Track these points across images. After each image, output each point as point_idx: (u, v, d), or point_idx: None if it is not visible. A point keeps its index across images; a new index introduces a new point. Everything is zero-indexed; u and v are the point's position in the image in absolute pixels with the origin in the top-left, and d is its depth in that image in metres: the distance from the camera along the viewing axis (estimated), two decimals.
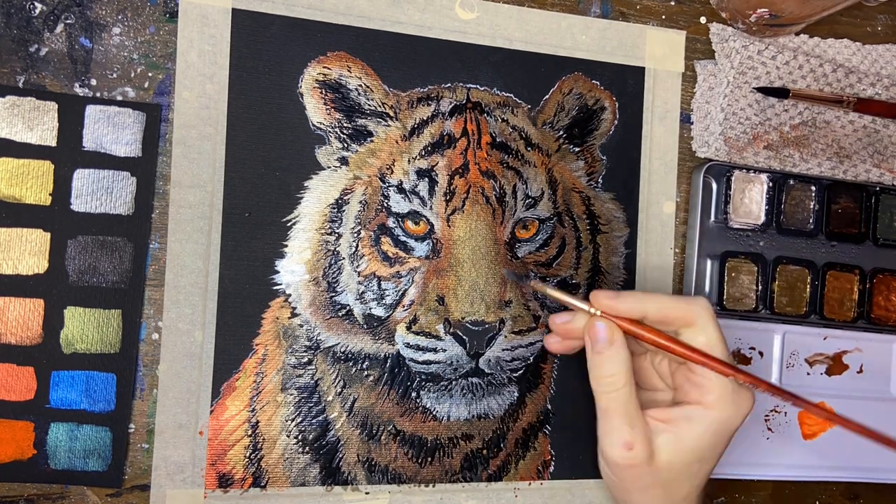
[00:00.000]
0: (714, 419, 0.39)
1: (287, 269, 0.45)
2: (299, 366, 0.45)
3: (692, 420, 0.40)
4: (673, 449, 0.40)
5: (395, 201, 0.46)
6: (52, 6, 0.43)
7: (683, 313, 0.40)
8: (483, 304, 0.46)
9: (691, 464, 0.40)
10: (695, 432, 0.39)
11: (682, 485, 0.40)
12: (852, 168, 0.53)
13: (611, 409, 0.40)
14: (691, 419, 0.40)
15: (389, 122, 0.46)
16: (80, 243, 0.42)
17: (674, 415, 0.40)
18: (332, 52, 0.46)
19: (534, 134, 0.49)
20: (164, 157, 0.44)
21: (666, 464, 0.40)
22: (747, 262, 0.51)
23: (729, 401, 0.39)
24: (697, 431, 0.39)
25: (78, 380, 0.42)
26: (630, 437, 0.39)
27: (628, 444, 0.39)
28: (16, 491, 0.42)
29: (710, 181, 0.51)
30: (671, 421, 0.40)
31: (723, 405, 0.39)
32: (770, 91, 0.50)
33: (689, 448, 0.40)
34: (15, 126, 0.42)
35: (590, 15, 0.50)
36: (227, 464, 0.44)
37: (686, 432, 0.40)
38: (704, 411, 0.39)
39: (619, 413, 0.40)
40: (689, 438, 0.39)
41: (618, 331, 0.40)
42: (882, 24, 0.56)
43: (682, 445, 0.40)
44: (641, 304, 0.40)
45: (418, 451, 0.47)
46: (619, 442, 0.39)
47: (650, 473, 0.40)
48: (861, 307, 0.53)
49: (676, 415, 0.40)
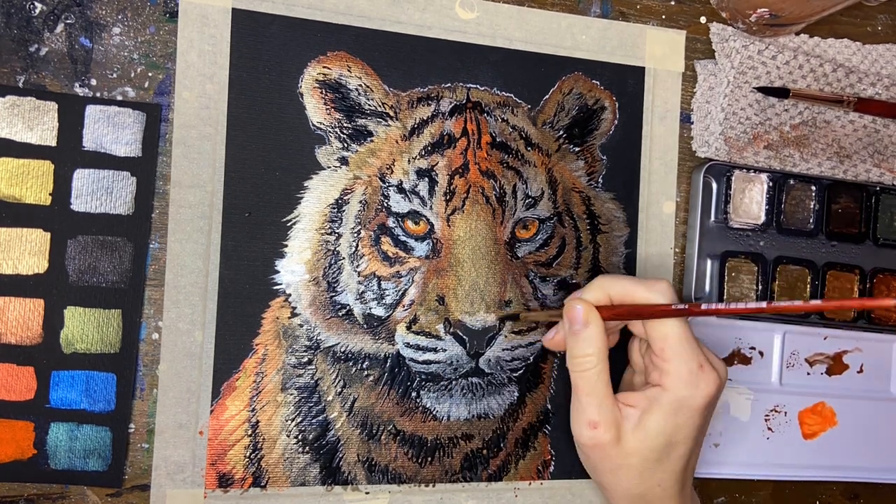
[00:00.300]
0: (673, 399, 0.40)
1: (287, 269, 0.45)
2: (299, 366, 0.45)
3: (653, 402, 0.40)
4: (638, 432, 0.40)
5: (395, 201, 0.46)
6: (52, 6, 0.43)
7: (646, 293, 0.41)
8: (483, 304, 0.46)
9: (660, 448, 0.40)
10: (656, 415, 0.40)
11: (654, 470, 0.41)
12: (852, 168, 0.53)
13: (580, 388, 0.41)
14: (652, 402, 0.40)
15: (389, 121, 0.46)
16: (80, 243, 0.42)
17: (640, 398, 0.41)
18: (332, 52, 0.46)
19: (534, 134, 0.49)
20: (164, 157, 0.44)
21: (633, 448, 0.40)
22: (747, 262, 0.51)
23: (687, 381, 0.40)
24: (659, 414, 0.40)
25: (78, 380, 0.42)
26: (596, 416, 0.40)
27: (592, 423, 0.40)
28: (16, 491, 0.42)
29: (710, 181, 0.51)
30: (638, 404, 0.41)
31: (680, 385, 0.40)
32: (770, 91, 0.50)
33: (654, 431, 0.40)
34: (15, 126, 0.42)
35: (590, 15, 0.50)
36: (227, 464, 0.44)
37: (648, 415, 0.40)
38: (663, 392, 0.40)
39: (588, 392, 0.40)
40: (652, 421, 0.40)
41: (594, 312, 0.41)
42: (882, 24, 0.56)
43: (647, 428, 0.40)
44: (606, 290, 0.41)
45: (418, 450, 0.47)
46: (585, 420, 0.40)
47: (617, 455, 0.40)
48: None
49: (641, 398, 0.41)
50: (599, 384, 0.40)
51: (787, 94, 0.50)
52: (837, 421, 0.53)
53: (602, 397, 0.40)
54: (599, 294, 0.41)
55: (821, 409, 0.53)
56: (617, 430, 0.40)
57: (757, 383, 0.52)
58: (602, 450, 0.41)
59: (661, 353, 0.40)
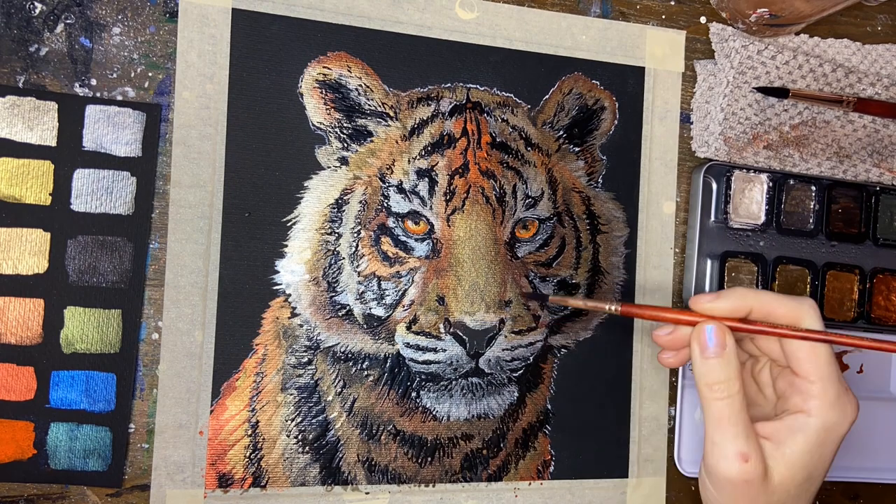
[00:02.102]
0: (819, 427, 0.36)
1: (287, 269, 0.45)
2: (299, 366, 0.45)
3: (796, 431, 0.37)
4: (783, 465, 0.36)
5: (395, 201, 0.46)
6: (52, 6, 0.43)
7: (790, 311, 0.38)
8: (483, 304, 0.46)
9: (801, 481, 0.37)
10: (801, 444, 0.36)
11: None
12: (852, 168, 0.53)
13: (724, 418, 0.37)
14: (795, 430, 0.37)
15: (389, 122, 0.46)
16: (80, 243, 0.42)
17: (777, 427, 0.37)
18: (332, 52, 0.46)
19: (534, 134, 0.49)
20: (164, 157, 0.44)
21: (779, 484, 0.37)
22: (747, 262, 0.51)
23: (833, 406, 0.36)
24: (803, 443, 0.36)
25: (78, 380, 0.42)
26: (746, 448, 0.36)
27: (744, 455, 0.36)
28: (16, 491, 0.42)
29: (710, 181, 0.51)
30: (775, 435, 0.37)
31: (827, 411, 0.36)
32: (770, 91, 0.50)
33: (799, 463, 0.36)
34: (15, 126, 0.42)
35: (590, 15, 0.50)
36: (227, 464, 0.44)
37: (792, 445, 0.37)
38: (808, 419, 0.37)
39: (734, 422, 0.36)
40: (796, 452, 0.36)
41: (728, 333, 0.37)
42: (882, 24, 0.56)
43: (792, 461, 0.37)
44: (745, 301, 0.38)
45: (418, 451, 0.47)
46: (733, 453, 0.36)
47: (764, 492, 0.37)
48: (861, 307, 0.53)
49: (780, 427, 0.37)
50: (743, 412, 0.37)
51: (786, 95, 0.50)
52: None
53: (746, 426, 0.36)
54: (738, 304, 0.38)
55: None
56: (764, 462, 0.36)
57: None
58: (751, 486, 0.36)
59: (807, 375, 0.37)
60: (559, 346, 0.49)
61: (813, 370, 0.37)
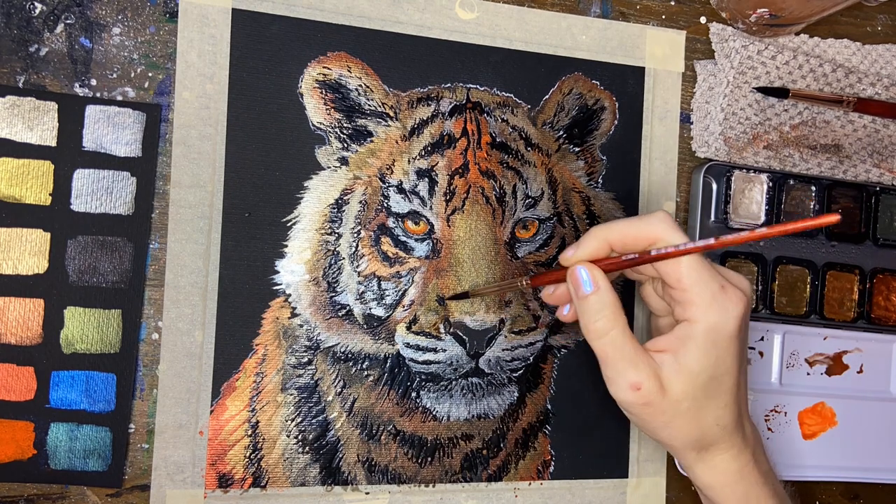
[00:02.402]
0: (704, 330, 0.38)
1: (287, 269, 0.45)
2: (299, 366, 0.45)
3: (686, 339, 0.38)
4: (680, 376, 0.38)
5: (395, 201, 0.46)
6: (52, 6, 0.43)
7: (644, 231, 0.39)
8: (483, 304, 0.46)
9: (705, 386, 0.38)
10: (693, 351, 0.38)
11: (706, 410, 0.39)
12: (852, 168, 0.53)
13: (608, 355, 0.39)
14: (685, 339, 0.38)
15: (389, 122, 0.46)
16: (80, 243, 0.42)
17: (670, 340, 0.39)
18: (332, 52, 0.46)
19: (534, 134, 0.49)
20: (164, 157, 0.44)
21: (680, 393, 0.38)
22: (747, 263, 0.51)
23: (710, 306, 0.38)
24: (694, 349, 0.38)
25: (78, 380, 0.42)
26: (636, 377, 0.38)
27: (635, 384, 0.38)
28: (16, 491, 0.42)
29: (710, 181, 0.51)
30: (671, 347, 0.39)
31: (706, 313, 0.38)
32: (770, 91, 0.50)
33: (695, 370, 0.38)
34: (15, 126, 0.42)
35: (590, 15, 0.50)
36: (227, 464, 0.44)
37: (685, 354, 0.38)
38: (692, 326, 0.38)
39: (619, 356, 0.38)
40: (690, 360, 0.38)
41: (599, 272, 0.39)
42: (882, 24, 0.56)
43: (687, 369, 0.38)
44: (602, 240, 0.39)
45: (418, 451, 0.47)
46: (626, 384, 0.38)
47: (668, 406, 0.38)
48: (861, 307, 0.53)
49: (672, 339, 0.39)
50: (626, 344, 0.38)
51: (786, 95, 0.50)
52: (837, 421, 0.53)
53: (633, 355, 0.38)
54: (598, 245, 0.39)
55: (821, 409, 0.53)
56: (659, 381, 0.38)
57: (757, 383, 0.52)
58: (652, 406, 0.38)
59: (677, 284, 0.38)
60: (559, 346, 0.49)
61: (683, 279, 0.38)
